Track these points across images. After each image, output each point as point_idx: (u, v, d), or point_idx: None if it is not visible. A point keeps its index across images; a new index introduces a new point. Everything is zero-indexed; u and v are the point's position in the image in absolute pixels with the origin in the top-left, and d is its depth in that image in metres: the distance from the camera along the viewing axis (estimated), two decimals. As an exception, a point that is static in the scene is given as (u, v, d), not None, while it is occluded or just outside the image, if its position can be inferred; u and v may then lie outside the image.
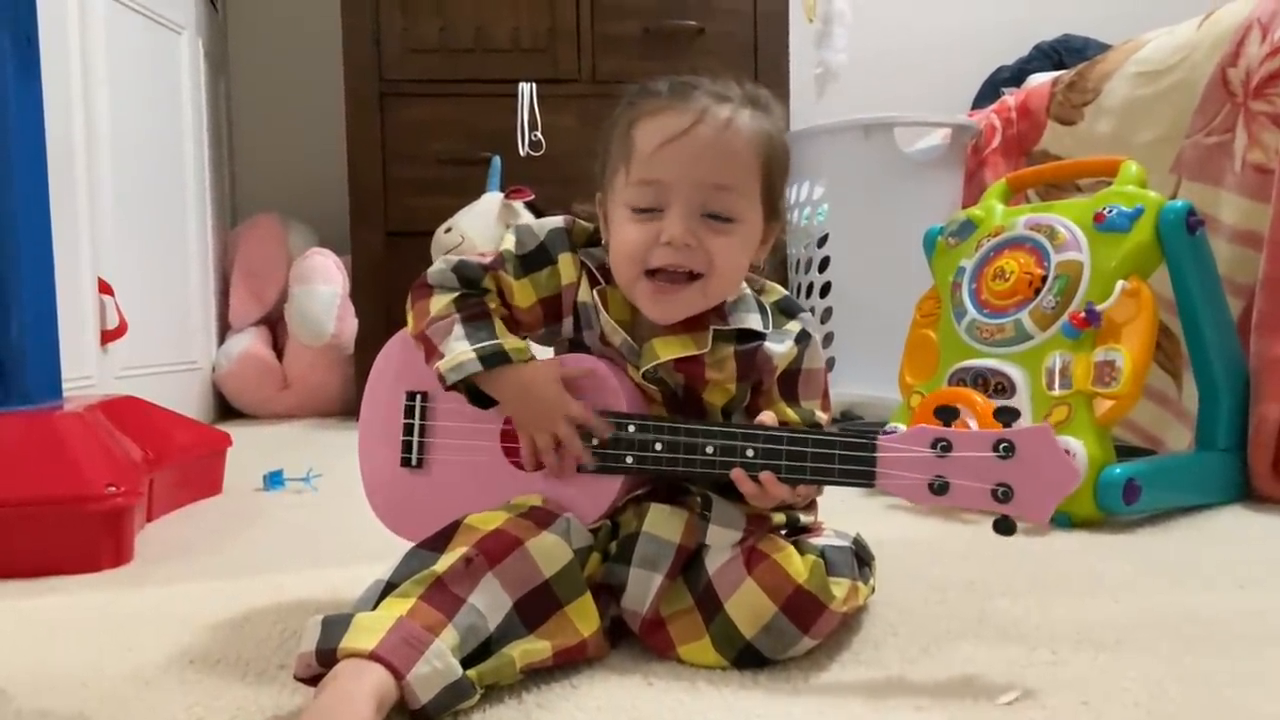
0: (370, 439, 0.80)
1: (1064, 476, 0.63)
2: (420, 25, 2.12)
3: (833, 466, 0.66)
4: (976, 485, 0.63)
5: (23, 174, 1.12)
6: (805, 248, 2.02)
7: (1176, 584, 0.87)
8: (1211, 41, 1.37)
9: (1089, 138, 1.59)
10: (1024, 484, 0.63)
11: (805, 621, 0.65)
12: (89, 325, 1.69)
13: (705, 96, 0.70)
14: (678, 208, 0.68)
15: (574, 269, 0.75)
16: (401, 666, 0.55)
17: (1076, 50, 2.48)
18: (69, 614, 0.83)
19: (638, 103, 0.72)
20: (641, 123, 0.70)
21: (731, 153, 0.69)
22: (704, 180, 0.68)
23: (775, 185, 0.73)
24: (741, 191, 0.70)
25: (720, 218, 0.69)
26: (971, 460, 0.63)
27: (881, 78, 2.51)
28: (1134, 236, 1.14)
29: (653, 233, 0.69)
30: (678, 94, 0.70)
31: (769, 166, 0.71)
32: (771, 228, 0.75)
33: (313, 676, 0.59)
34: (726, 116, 0.69)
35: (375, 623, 0.58)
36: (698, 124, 0.68)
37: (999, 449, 0.63)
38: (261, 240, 2.37)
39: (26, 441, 0.99)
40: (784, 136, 0.74)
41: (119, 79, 1.82)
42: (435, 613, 0.59)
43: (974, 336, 1.24)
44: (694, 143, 0.68)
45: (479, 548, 0.64)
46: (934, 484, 0.64)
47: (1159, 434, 1.40)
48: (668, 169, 0.69)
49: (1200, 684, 0.63)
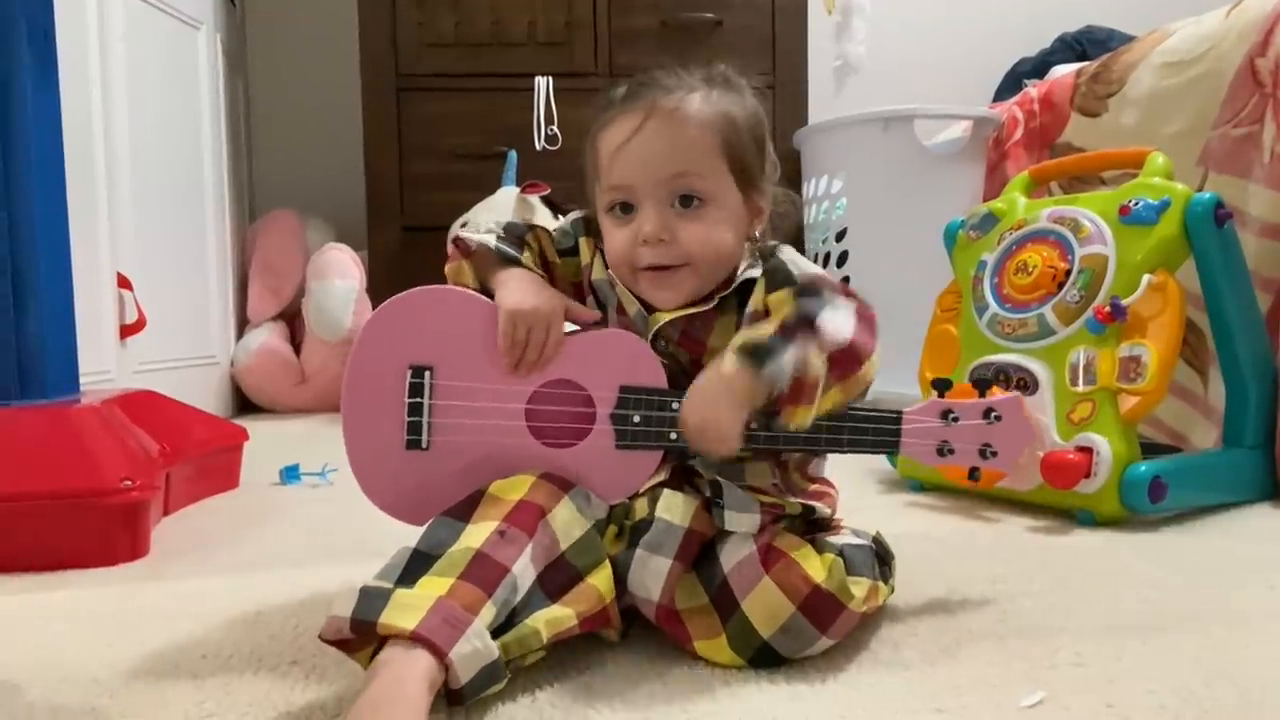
0: (361, 420, 0.74)
1: (1030, 435, 0.77)
2: (437, 20, 2.12)
3: (866, 438, 0.73)
4: (971, 447, 0.76)
5: (41, 169, 1.12)
6: (824, 242, 2.01)
7: (1203, 584, 0.85)
8: (1239, 31, 1.34)
9: (1113, 130, 1.57)
10: (1003, 442, 0.76)
11: (823, 621, 0.64)
12: (108, 319, 1.70)
13: (653, 91, 0.72)
14: (647, 205, 0.72)
15: (589, 251, 0.78)
16: (444, 645, 0.56)
17: (1099, 41, 2.45)
18: (84, 607, 0.83)
19: (600, 115, 0.75)
20: (601, 134, 0.74)
21: (683, 141, 0.71)
22: (661, 175, 0.71)
23: (744, 156, 0.73)
24: (702, 173, 0.71)
25: (689, 202, 0.71)
26: (969, 427, 0.75)
27: (901, 70, 2.49)
28: (1160, 229, 1.12)
29: (633, 232, 0.72)
30: (630, 96, 0.73)
31: (730, 139, 0.72)
32: (755, 198, 0.75)
33: (339, 640, 0.59)
34: (671, 107, 0.71)
35: (415, 600, 0.58)
36: (645, 121, 0.71)
37: (989, 416, 0.75)
38: (279, 235, 2.38)
39: (44, 435, 1.00)
40: (746, 106, 0.75)
41: (137, 75, 1.82)
42: (475, 589, 0.60)
43: (996, 331, 1.22)
44: (644, 142, 0.71)
45: (510, 520, 0.64)
46: (941, 448, 0.75)
47: (1185, 431, 1.37)
48: (627, 173, 0.72)
49: (1228, 686, 0.62)
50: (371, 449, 0.74)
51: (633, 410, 0.72)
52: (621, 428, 0.72)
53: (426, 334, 0.75)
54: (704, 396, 0.66)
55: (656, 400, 0.72)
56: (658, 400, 0.72)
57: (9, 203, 1.10)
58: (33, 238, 1.12)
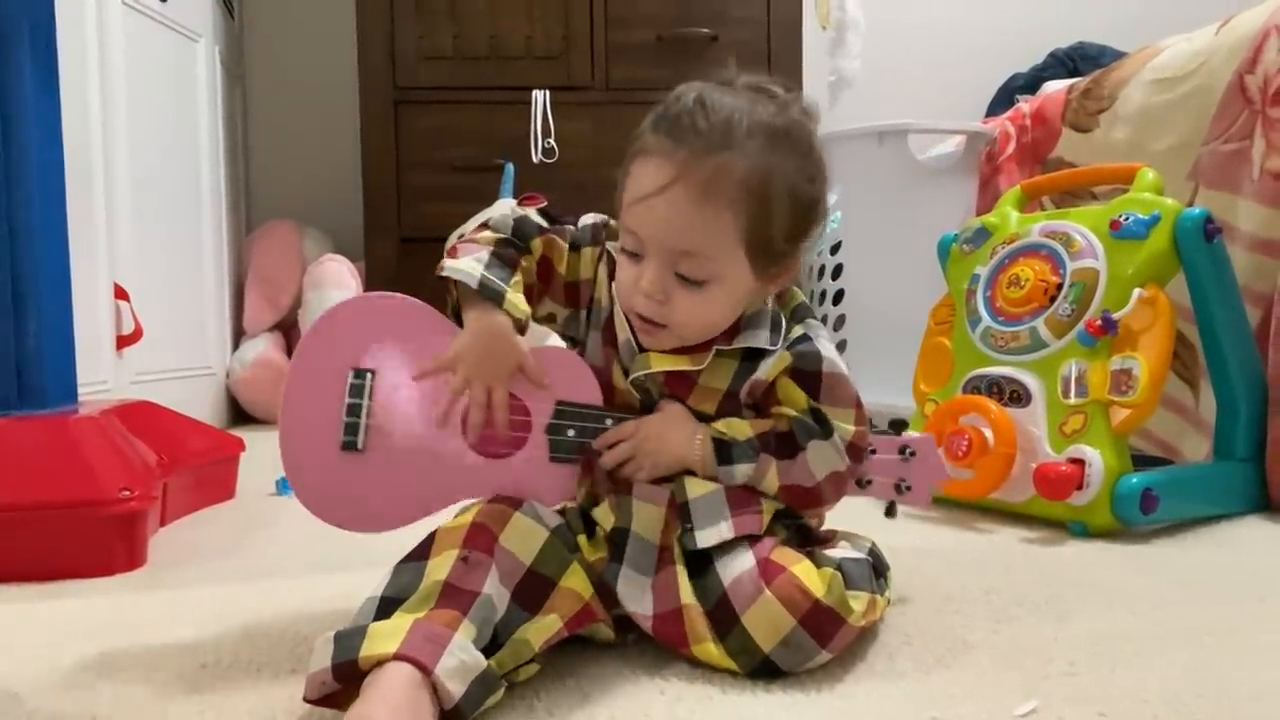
0: (298, 417, 0.73)
1: (939, 473, 0.91)
2: (435, 33, 2.13)
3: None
4: (887, 480, 0.89)
5: (40, 180, 1.13)
6: (819, 255, 2.02)
7: (1195, 595, 0.86)
8: (1229, 48, 1.36)
9: (1105, 145, 1.58)
10: (917, 479, 0.89)
11: (824, 636, 0.65)
12: (105, 330, 1.70)
13: (699, 142, 0.66)
14: (651, 261, 0.69)
15: (592, 265, 0.77)
16: (428, 661, 0.55)
17: (1091, 57, 2.47)
18: (82, 617, 0.83)
19: (651, 125, 0.69)
20: (636, 161, 0.69)
21: (704, 219, 0.66)
22: (672, 245, 0.68)
23: (769, 232, 0.68)
24: (713, 256, 0.68)
25: (690, 280, 0.69)
26: (886, 461, 0.89)
27: (895, 85, 2.50)
28: (1151, 244, 1.13)
29: (635, 277, 0.70)
30: (674, 134, 0.67)
31: (756, 220, 0.67)
32: (776, 267, 0.71)
33: (325, 697, 0.58)
34: (707, 176, 0.65)
35: (393, 628, 0.57)
36: (672, 185, 0.66)
37: (903, 453, 0.89)
38: (276, 246, 2.38)
39: (41, 445, 1.00)
40: (801, 174, 0.69)
41: (136, 86, 1.83)
42: (450, 612, 0.59)
43: (989, 344, 1.23)
44: (664, 207, 0.67)
45: (468, 545, 0.64)
46: (861, 479, 0.86)
47: (1176, 444, 1.38)
48: (641, 225, 0.69)
49: (1221, 696, 0.63)
50: (306, 448, 0.73)
51: (569, 424, 0.74)
52: (556, 438, 0.74)
53: (373, 339, 0.74)
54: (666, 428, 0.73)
55: (593, 415, 0.74)
56: (594, 415, 0.74)
57: (9, 214, 1.11)
58: (32, 248, 1.12)
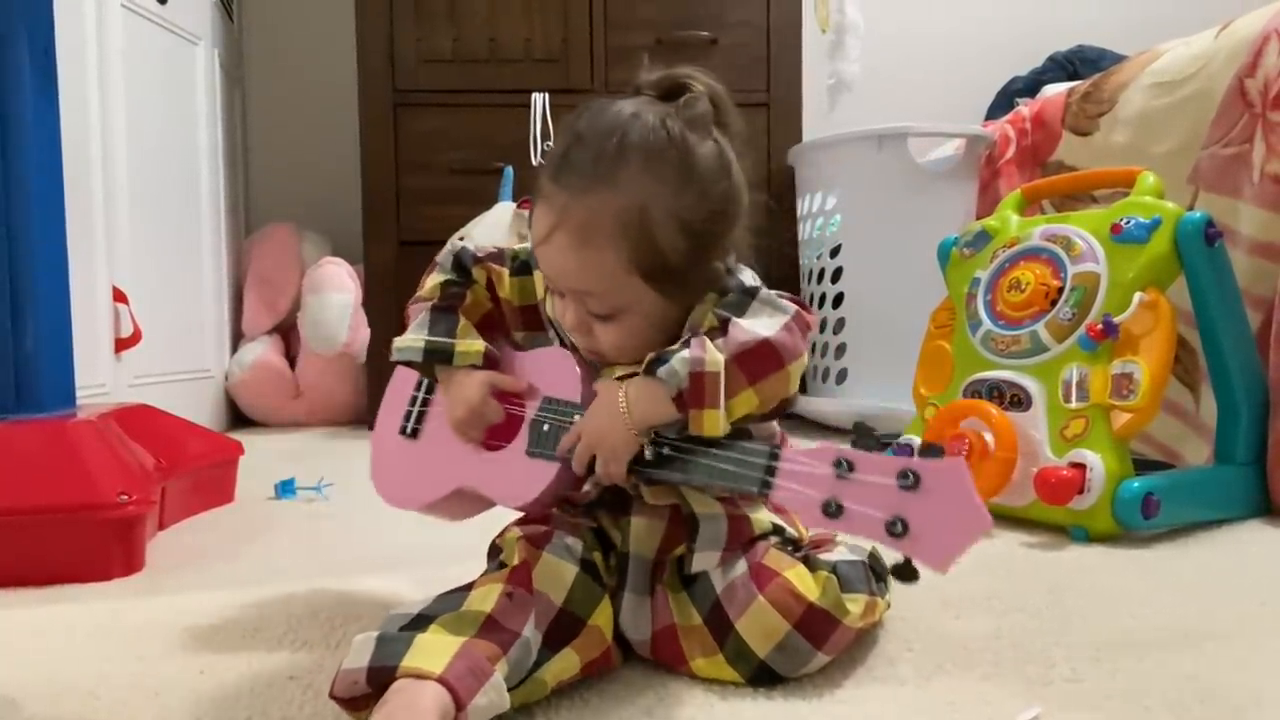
0: (385, 409, 0.83)
1: (970, 520, 0.54)
2: (434, 36, 2.13)
3: (731, 470, 0.63)
4: (871, 513, 0.57)
5: (39, 183, 1.13)
6: (818, 258, 2.02)
7: (1197, 599, 0.86)
8: (1229, 52, 1.36)
9: (1104, 148, 1.58)
10: (924, 521, 0.55)
11: (819, 639, 0.65)
12: (103, 333, 1.70)
13: (573, 181, 0.65)
14: (568, 300, 0.70)
15: (543, 286, 0.77)
16: (465, 696, 0.55)
17: (1091, 61, 2.48)
18: (80, 622, 0.83)
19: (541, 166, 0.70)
20: (535, 202, 0.70)
21: (586, 261, 0.65)
22: (571, 287, 0.69)
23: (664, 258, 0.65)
24: (609, 291, 0.67)
25: (599, 316, 0.69)
26: (871, 486, 0.57)
27: (895, 88, 2.51)
28: (1152, 248, 1.13)
29: (562, 311, 0.71)
30: (555, 175, 0.66)
31: (643, 248, 0.65)
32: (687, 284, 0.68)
33: (353, 698, 0.57)
34: (581, 220, 0.64)
35: (440, 646, 0.57)
36: (552, 233, 0.66)
37: (902, 477, 0.56)
38: (275, 249, 2.38)
39: (39, 449, 1.00)
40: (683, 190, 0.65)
41: (135, 89, 1.83)
42: (492, 646, 0.59)
43: (989, 348, 1.23)
44: (552, 253, 0.67)
45: (513, 582, 0.64)
46: (828, 505, 0.58)
47: (1177, 448, 1.38)
48: (545, 269, 0.71)
49: (1223, 702, 0.62)
50: (381, 435, 0.82)
51: (545, 419, 0.72)
52: (534, 433, 0.72)
53: None
54: (599, 416, 0.66)
55: (566, 410, 0.72)
56: (566, 410, 0.71)
57: (8, 217, 1.10)
58: (30, 252, 1.12)
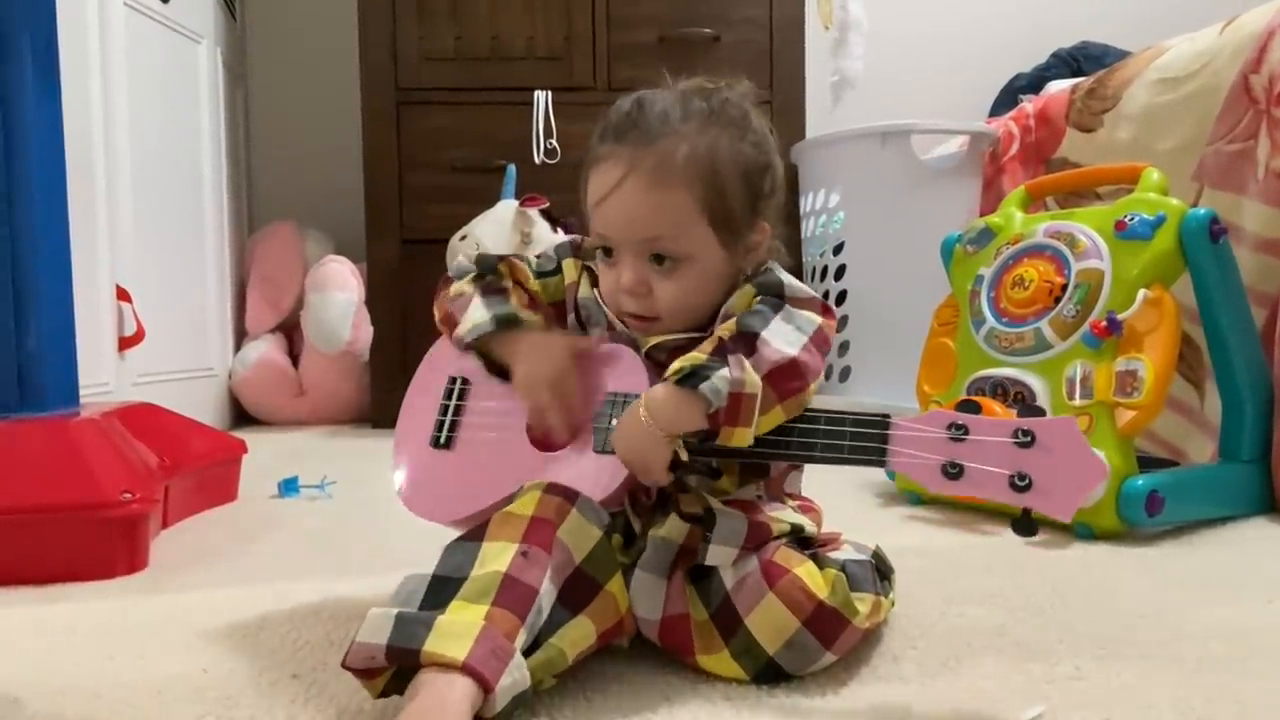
0: (407, 421, 0.82)
1: (1089, 471, 0.58)
2: (436, 34, 2.13)
3: (844, 443, 0.65)
4: (993, 470, 0.59)
5: (42, 182, 1.13)
6: (821, 255, 2.02)
7: (1201, 598, 0.86)
8: (1233, 48, 1.35)
9: (1109, 145, 1.58)
10: (1045, 475, 0.58)
11: (828, 637, 0.64)
12: (107, 332, 1.70)
13: (638, 137, 0.69)
14: (625, 257, 0.71)
15: (575, 270, 0.79)
16: (492, 679, 0.55)
17: (1095, 57, 2.47)
18: (83, 621, 0.83)
19: (594, 143, 0.73)
20: (590, 171, 0.73)
21: (658, 204, 0.69)
22: (639, 235, 0.70)
23: (729, 206, 0.70)
24: (679, 235, 0.70)
25: (662, 261, 0.70)
26: (988, 446, 0.60)
27: (898, 85, 2.50)
28: (1156, 244, 1.13)
29: (615, 277, 0.72)
30: (618, 136, 0.71)
31: (713, 195, 0.69)
32: (743, 241, 0.72)
33: (368, 670, 0.57)
34: (653, 164, 0.69)
35: (460, 628, 0.56)
36: (624, 179, 0.69)
37: (1018, 436, 0.59)
38: (278, 248, 2.38)
39: (43, 448, 1.00)
40: (742, 144, 0.71)
41: (138, 87, 1.83)
42: (510, 616, 0.58)
43: (993, 345, 1.23)
44: (621, 202, 0.70)
45: (528, 539, 0.62)
46: (947, 467, 0.60)
47: (1181, 445, 1.38)
48: (607, 226, 0.72)
49: (1228, 700, 0.62)
50: (407, 446, 0.81)
51: (610, 414, 0.72)
52: (600, 427, 0.72)
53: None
54: (627, 429, 0.67)
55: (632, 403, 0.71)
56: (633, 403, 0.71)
57: (11, 216, 1.10)
58: (33, 250, 1.12)
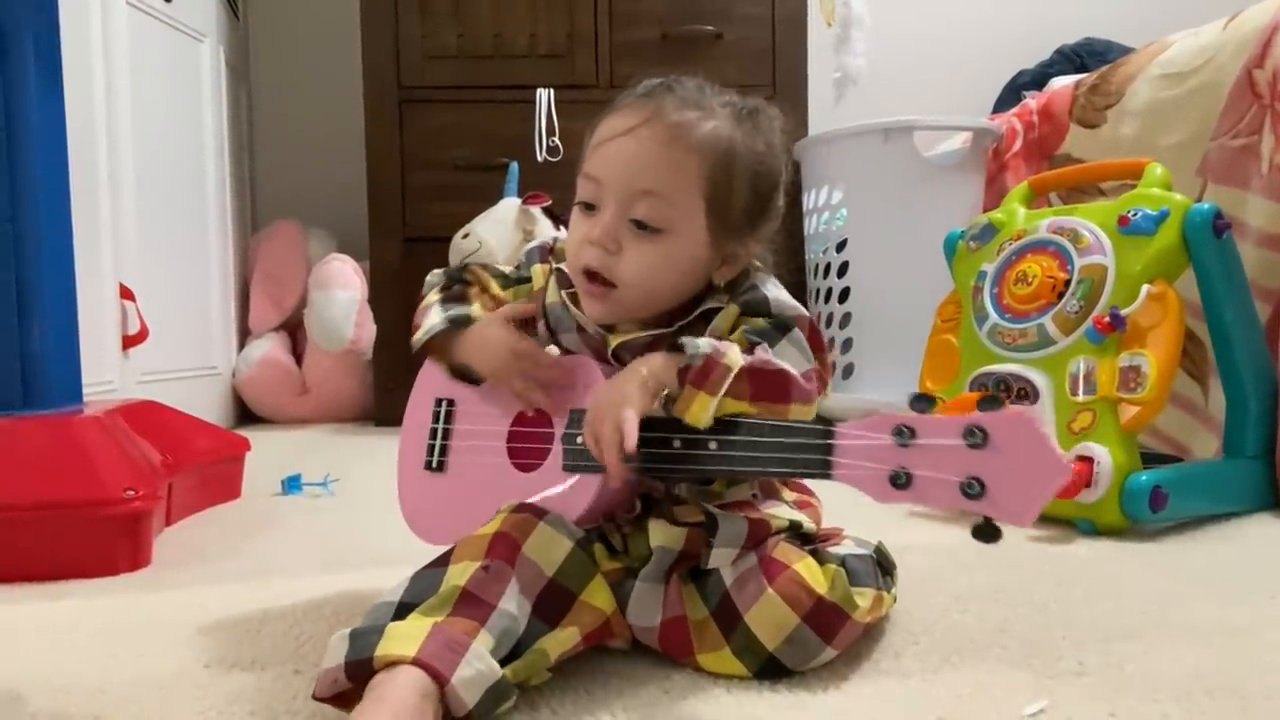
0: (405, 444, 0.82)
1: (1048, 470, 0.52)
2: (439, 32, 2.13)
3: (788, 455, 0.62)
4: (942, 478, 0.54)
5: (45, 180, 1.13)
6: (824, 252, 2.02)
7: (1205, 593, 0.85)
8: (1237, 43, 1.35)
9: (1112, 141, 1.58)
10: (1000, 478, 0.53)
11: (828, 632, 0.64)
12: (110, 330, 1.70)
13: (672, 99, 0.68)
14: (608, 208, 0.68)
15: (543, 275, 0.78)
16: (445, 670, 0.54)
17: (1098, 54, 2.46)
18: (85, 617, 0.83)
19: (614, 101, 0.71)
20: (603, 118, 0.70)
21: (669, 159, 0.67)
22: (634, 184, 0.67)
23: (729, 196, 0.68)
24: (673, 200, 0.67)
25: (646, 226, 0.67)
26: (937, 449, 0.54)
27: (901, 82, 2.50)
28: (1159, 240, 1.13)
29: (587, 229, 0.69)
30: (649, 93, 0.69)
31: (720, 174, 0.67)
32: (728, 244, 0.70)
33: (335, 695, 0.57)
34: (676, 121, 0.67)
35: (411, 630, 0.56)
36: (642, 125, 0.67)
37: (969, 436, 0.53)
38: (281, 246, 2.38)
39: (46, 445, 1.00)
40: (759, 148, 0.70)
41: (141, 86, 1.83)
42: (467, 621, 0.58)
43: (996, 341, 1.23)
44: (631, 143, 0.67)
45: (490, 555, 0.62)
46: (895, 476, 0.55)
47: (1185, 441, 1.38)
48: (604, 166, 0.68)
49: (1232, 696, 0.62)
50: (405, 470, 0.81)
51: (577, 431, 0.70)
52: (568, 447, 0.71)
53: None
54: (615, 378, 0.66)
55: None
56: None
57: (14, 214, 1.11)
58: (37, 249, 1.12)
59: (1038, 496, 0.52)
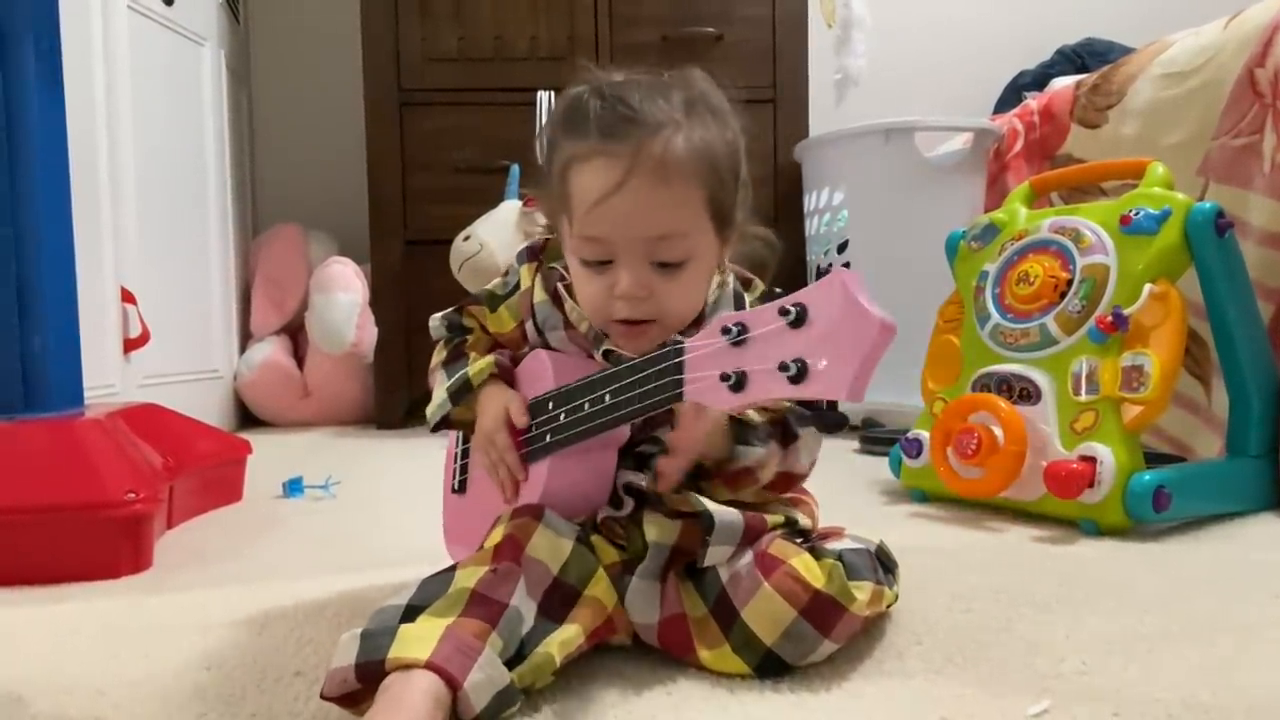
0: (445, 469, 0.87)
1: (860, 330, 0.47)
2: (439, 35, 2.14)
3: (647, 388, 0.60)
4: (769, 368, 0.49)
5: (46, 184, 1.13)
6: (825, 254, 2.02)
7: (1208, 593, 0.85)
8: (1238, 42, 1.35)
9: (1113, 141, 1.58)
10: (820, 352, 0.48)
11: (826, 625, 0.64)
12: (112, 334, 1.70)
13: (637, 132, 0.65)
14: (625, 261, 0.67)
15: (530, 276, 0.77)
16: (458, 675, 0.54)
17: (1099, 54, 2.46)
18: (87, 620, 0.83)
19: (568, 138, 0.68)
20: (575, 169, 0.68)
21: (670, 198, 0.66)
22: (647, 234, 0.67)
23: (725, 199, 0.69)
24: (688, 232, 0.67)
25: (670, 265, 0.68)
26: (764, 339, 0.50)
27: (902, 83, 2.50)
28: (1161, 239, 1.12)
29: (607, 285, 0.68)
30: (611, 133, 0.66)
31: (714, 187, 0.68)
32: (730, 233, 0.72)
33: (344, 695, 0.57)
34: (659, 155, 0.65)
35: (424, 632, 0.57)
36: (629, 176, 0.65)
37: (785, 314, 0.49)
38: (282, 249, 2.38)
39: (47, 448, 1.00)
40: (726, 136, 0.69)
41: (142, 90, 1.84)
42: (478, 623, 0.58)
43: (998, 342, 1.23)
44: (629, 199, 0.65)
45: (498, 559, 0.63)
46: (730, 378, 0.51)
47: (1188, 441, 1.37)
48: (608, 227, 0.67)
49: (1236, 695, 0.62)
50: (444, 492, 0.87)
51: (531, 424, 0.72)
52: (527, 440, 0.73)
53: None
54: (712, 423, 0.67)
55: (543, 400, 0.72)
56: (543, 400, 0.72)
57: (15, 218, 1.11)
58: (38, 252, 1.12)
59: (856, 361, 0.47)
